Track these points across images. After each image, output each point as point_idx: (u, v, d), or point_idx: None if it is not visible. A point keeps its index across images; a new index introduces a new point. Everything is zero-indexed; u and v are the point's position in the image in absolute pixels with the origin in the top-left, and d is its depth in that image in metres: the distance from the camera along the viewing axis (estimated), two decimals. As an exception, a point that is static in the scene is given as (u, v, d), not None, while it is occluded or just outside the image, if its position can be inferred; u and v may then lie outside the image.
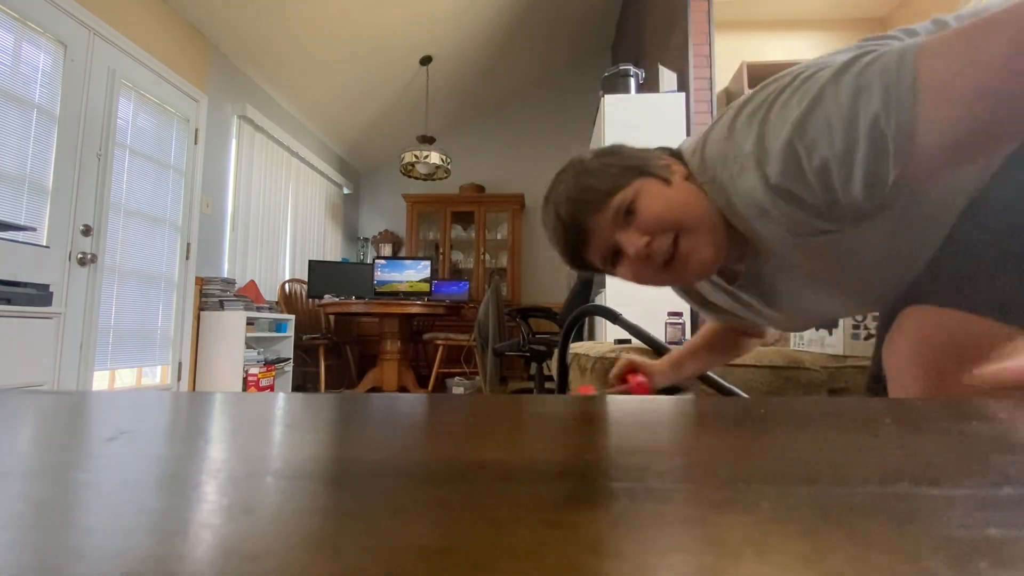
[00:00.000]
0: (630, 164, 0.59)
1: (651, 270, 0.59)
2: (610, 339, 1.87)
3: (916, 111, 0.42)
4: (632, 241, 0.58)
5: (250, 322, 3.20)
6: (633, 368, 0.93)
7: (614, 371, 0.95)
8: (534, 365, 2.68)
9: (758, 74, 2.98)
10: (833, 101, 0.46)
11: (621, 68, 2.53)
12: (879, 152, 0.44)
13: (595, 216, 0.58)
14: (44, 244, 2.15)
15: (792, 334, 1.35)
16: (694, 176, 0.59)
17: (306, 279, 4.07)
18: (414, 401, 0.37)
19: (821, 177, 0.48)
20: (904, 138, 0.43)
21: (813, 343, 1.27)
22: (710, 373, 0.90)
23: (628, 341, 1.31)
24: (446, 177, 4.34)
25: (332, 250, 4.95)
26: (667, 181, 0.58)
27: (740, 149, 0.52)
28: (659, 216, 0.56)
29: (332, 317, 4.32)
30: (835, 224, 0.52)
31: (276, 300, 3.88)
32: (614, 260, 0.62)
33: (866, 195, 0.47)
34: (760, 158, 0.50)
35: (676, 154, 0.62)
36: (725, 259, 0.61)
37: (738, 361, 1.38)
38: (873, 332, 1.30)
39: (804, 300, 0.65)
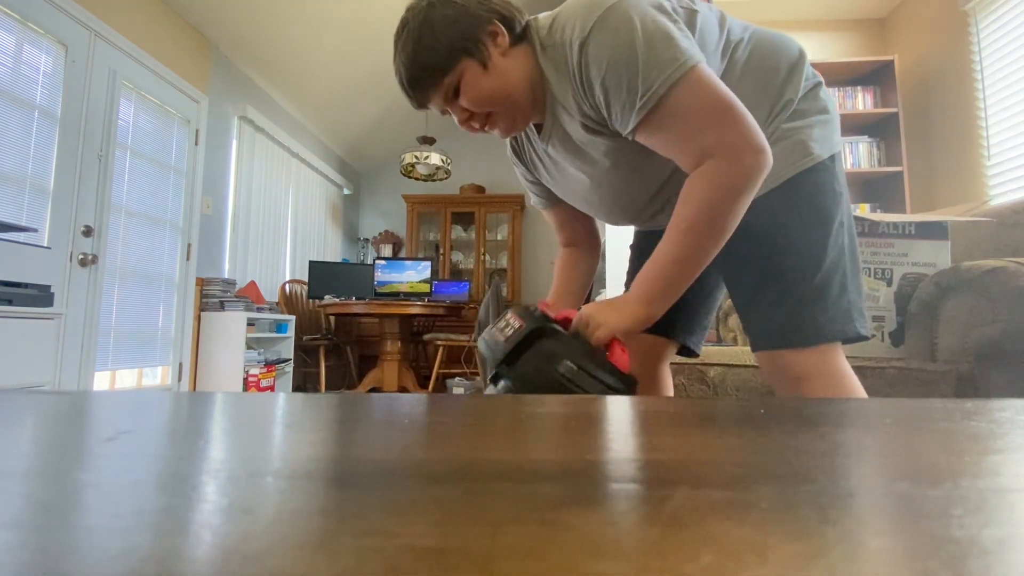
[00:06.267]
0: (459, 44, 0.70)
1: (474, 129, 0.78)
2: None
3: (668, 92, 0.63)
4: (456, 113, 0.76)
5: (250, 323, 3.20)
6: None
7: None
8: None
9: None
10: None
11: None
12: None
13: (431, 89, 0.73)
14: (45, 245, 2.15)
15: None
16: (529, 37, 0.73)
17: (306, 280, 4.07)
18: (414, 402, 0.37)
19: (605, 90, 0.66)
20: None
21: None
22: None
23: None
24: (446, 178, 4.34)
25: (332, 251, 4.96)
26: (485, 66, 0.71)
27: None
28: (475, 101, 0.73)
29: (332, 318, 4.32)
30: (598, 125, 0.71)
31: (276, 301, 3.88)
32: (447, 109, 0.79)
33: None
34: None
35: (508, 18, 0.73)
36: (534, 118, 0.78)
37: (737, 361, 1.39)
38: (873, 333, 1.30)
39: (568, 174, 0.83)
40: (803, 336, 0.72)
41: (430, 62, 0.71)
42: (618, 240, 2.34)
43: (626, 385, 0.63)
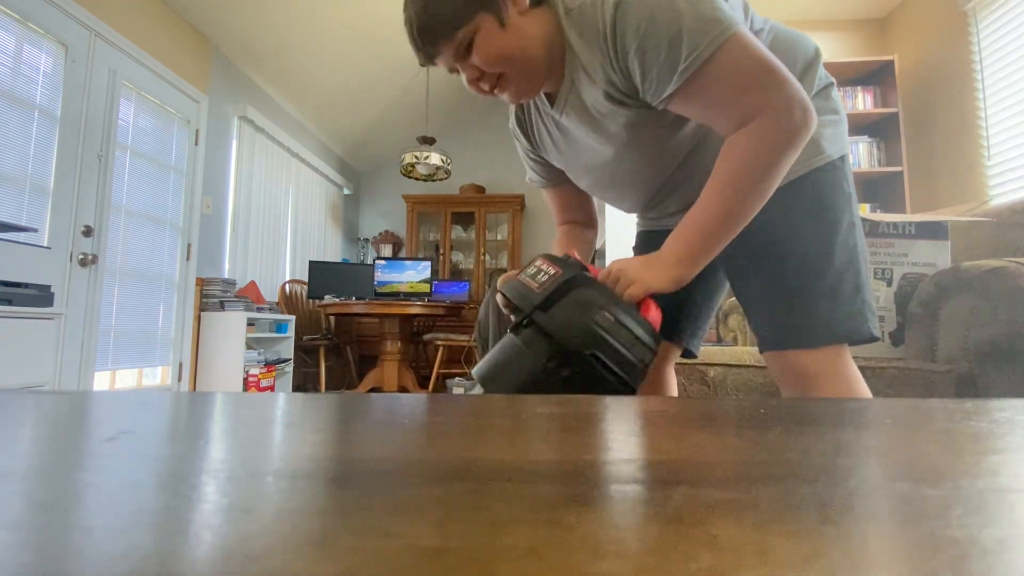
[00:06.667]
0: None
1: (483, 91, 0.74)
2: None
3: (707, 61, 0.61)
4: (466, 71, 0.72)
5: (250, 323, 3.20)
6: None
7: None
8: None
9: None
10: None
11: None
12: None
13: (442, 42, 0.69)
14: (45, 245, 2.15)
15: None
16: (550, 0, 0.70)
17: (306, 280, 4.07)
18: (414, 402, 0.37)
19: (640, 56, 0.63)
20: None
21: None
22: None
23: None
24: (446, 178, 4.33)
25: (332, 251, 4.95)
26: (502, 23, 0.67)
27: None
28: (488, 60, 0.68)
29: (332, 318, 4.32)
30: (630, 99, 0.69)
31: (276, 301, 3.87)
32: (456, 69, 0.75)
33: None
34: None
35: None
36: (545, 86, 0.75)
37: (737, 361, 1.39)
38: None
39: (579, 147, 0.80)
40: (812, 336, 0.71)
41: (444, 13, 0.67)
42: (618, 240, 2.34)
43: (657, 343, 0.62)
